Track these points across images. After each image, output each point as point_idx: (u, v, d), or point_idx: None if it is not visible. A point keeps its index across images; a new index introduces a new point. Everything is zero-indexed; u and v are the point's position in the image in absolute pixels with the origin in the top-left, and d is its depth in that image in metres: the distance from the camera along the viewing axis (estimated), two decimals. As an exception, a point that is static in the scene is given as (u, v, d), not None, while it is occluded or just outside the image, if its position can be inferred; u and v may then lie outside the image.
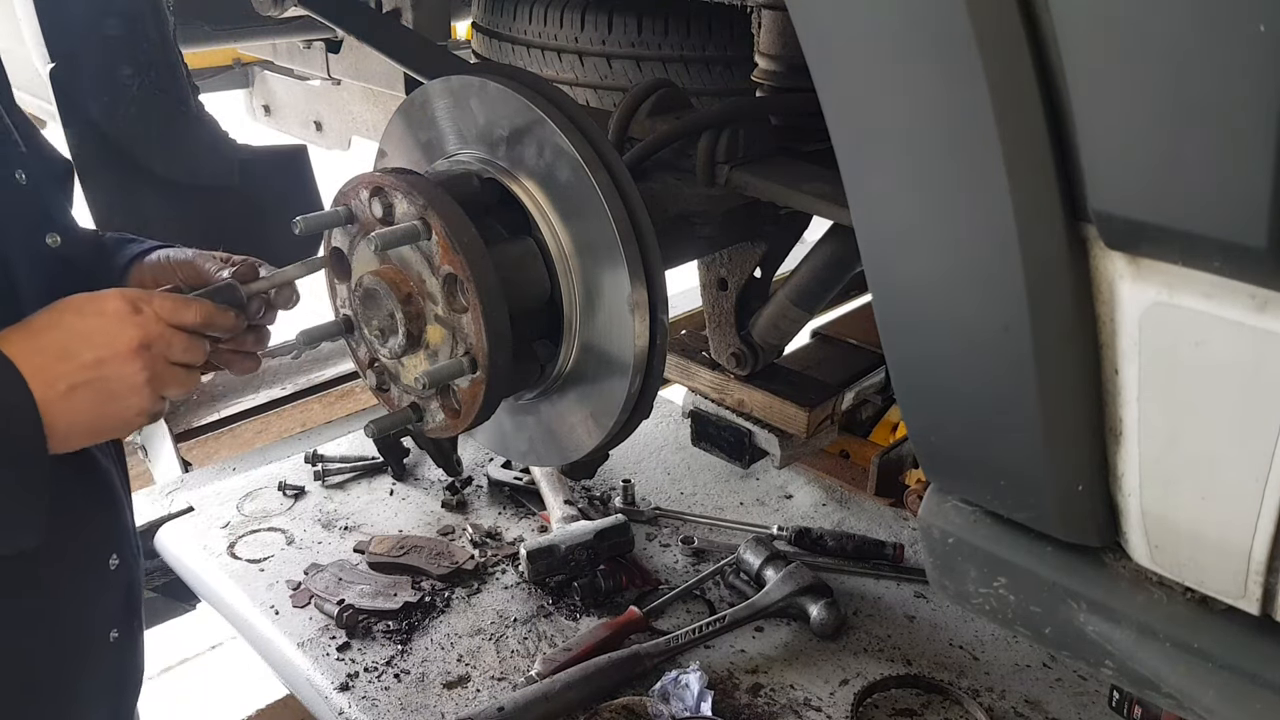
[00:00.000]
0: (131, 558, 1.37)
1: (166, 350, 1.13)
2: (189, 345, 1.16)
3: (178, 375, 1.16)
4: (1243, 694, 0.87)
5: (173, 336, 1.14)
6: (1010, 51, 0.74)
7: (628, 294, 1.22)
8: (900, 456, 2.60)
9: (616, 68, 2.03)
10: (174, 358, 1.14)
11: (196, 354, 1.17)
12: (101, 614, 1.33)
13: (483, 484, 2.59)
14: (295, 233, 1.22)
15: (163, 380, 1.14)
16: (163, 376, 1.14)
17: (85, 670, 1.31)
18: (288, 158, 2.59)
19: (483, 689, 1.96)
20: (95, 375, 1.09)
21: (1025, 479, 0.95)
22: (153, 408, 1.14)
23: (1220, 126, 0.66)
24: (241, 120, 3.37)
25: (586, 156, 1.21)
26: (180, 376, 1.16)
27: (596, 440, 1.35)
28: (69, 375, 1.07)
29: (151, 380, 1.12)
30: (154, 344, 1.12)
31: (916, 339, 0.97)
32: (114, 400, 1.11)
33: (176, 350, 1.14)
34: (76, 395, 1.08)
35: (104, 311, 1.11)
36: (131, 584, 1.37)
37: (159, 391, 1.14)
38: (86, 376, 1.08)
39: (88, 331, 1.10)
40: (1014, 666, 2.04)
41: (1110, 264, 0.80)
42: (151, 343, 1.12)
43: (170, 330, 1.14)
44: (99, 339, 1.10)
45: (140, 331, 1.11)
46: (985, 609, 1.06)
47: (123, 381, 1.10)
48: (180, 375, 1.16)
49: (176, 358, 1.15)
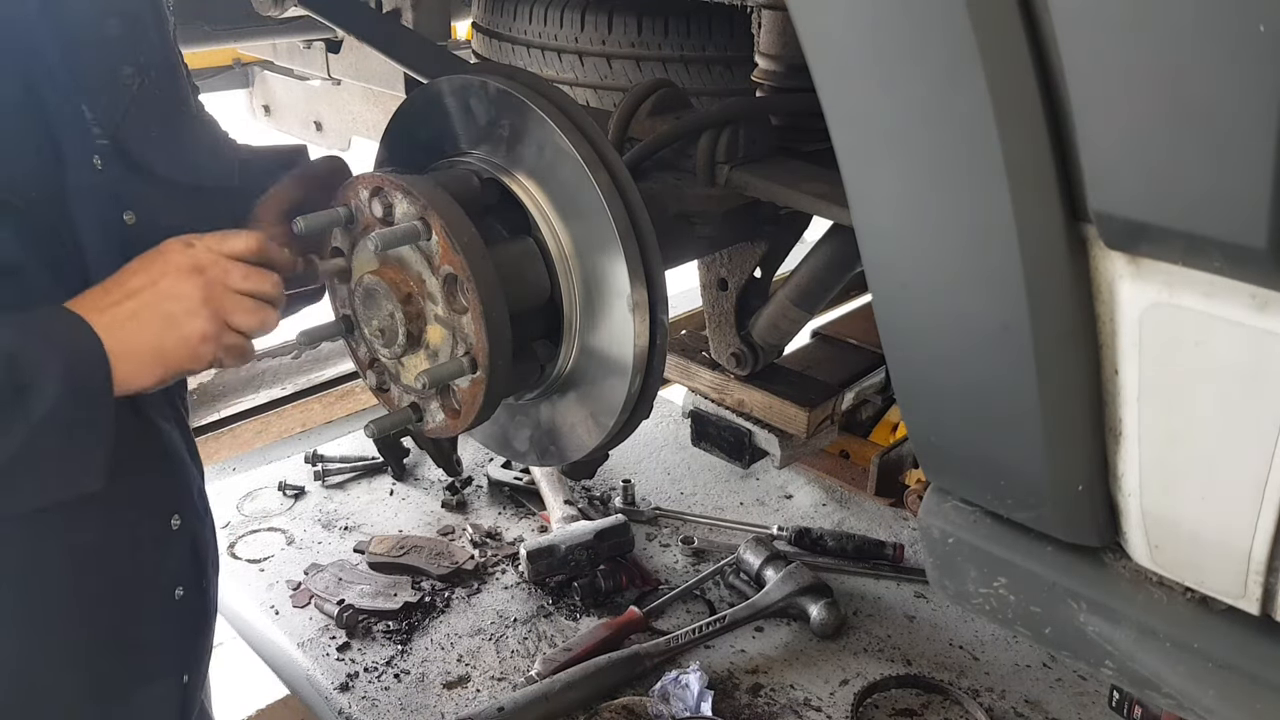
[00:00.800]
0: (196, 519, 1.38)
1: (224, 275, 1.13)
2: (249, 273, 1.15)
3: (241, 303, 1.14)
4: (1243, 694, 0.87)
5: (229, 263, 1.14)
6: (1010, 51, 0.74)
7: (628, 294, 1.22)
8: (900, 456, 2.60)
9: (616, 68, 2.03)
10: (234, 284, 1.14)
11: (260, 282, 1.15)
12: (165, 572, 1.34)
13: (483, 484, 2.59)
14: (295, 232, 1.22)
15: (224, 305, 1.13)
16: (222, 300, 1.13)
17: (149, 624, 1.32)
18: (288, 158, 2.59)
19: (483, 689, 1.96)
20: (150, 298, 1.10)
21: (1025, 479, 0.95)
22: (219, 335, 1.13)
23: (1220, 126, 0.66)
24: (241, 120, 3.37)
25: (586, 156, 1.21)
26: (245, 304, 1.14)
27: (596, 440, 1.35)
28: (124, 302, 1.09)
29: (209, 300, 1.12)
30: (208, 268, 1.12)
31: (916, 339, 0.97)
32: (173, 325, 1.10)
33: (235, 277, 1.14)
34: (135, 322, 1.09)
35: (159, 249, 1.13)
36: (196, 543, 1.38)
37: (222, 316, 1.13)
38: (142, 301, 1.09)
39: (142, 268, 1.12)
40: (1014, 666, 2.04)
41: (1110, 264, 0.80)
42: (205, 267, 1.12)
43: (225, 258, 1.14)
44: (152, 267, 1.12)
45: (190, 258, 1.12)
46: (985, 609, 1.06)
47: (178, 302, 1.10)
48: (245, 304, 1.14)
49: (236, 285, 1.14)
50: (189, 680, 1.40)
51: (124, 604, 1.29)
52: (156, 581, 1.33)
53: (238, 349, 1.16)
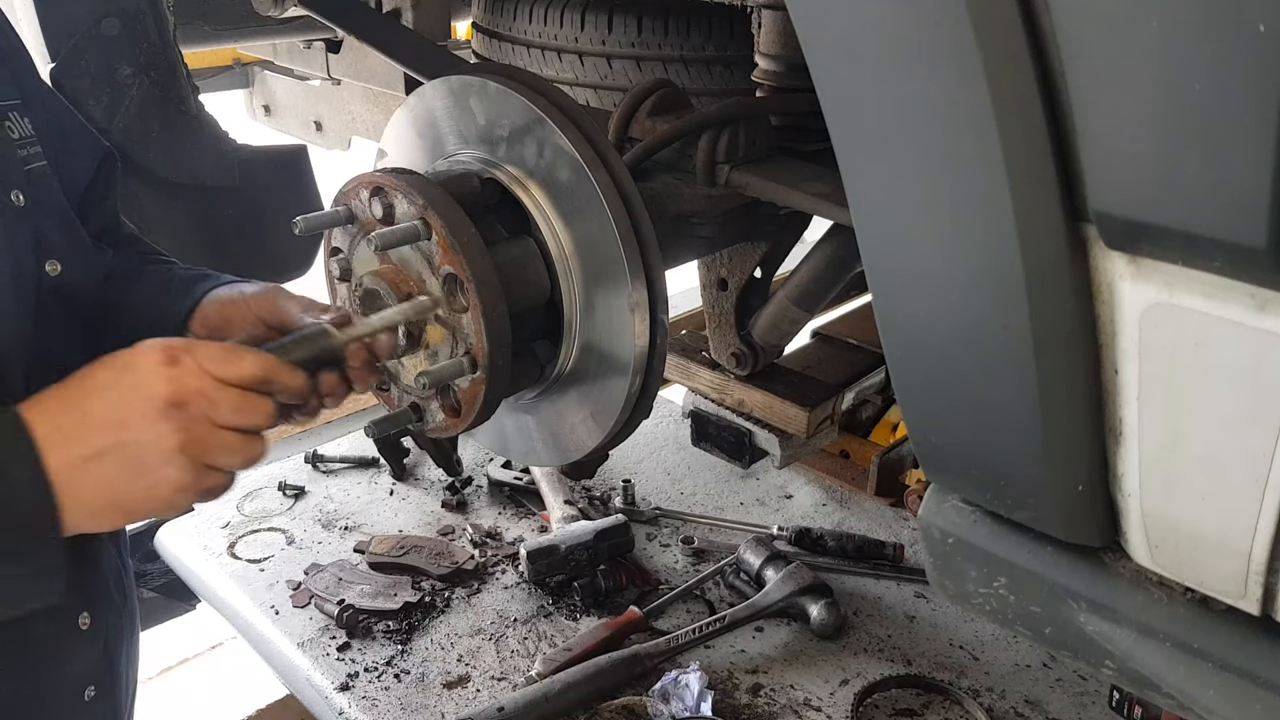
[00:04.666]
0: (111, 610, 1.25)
1: (210, 410, 0.94)
2: (242, 405, 0.96)
3: (227, 441, 0.95)
4: (1243, 694, 0.87)
5: (218, 393, 0.94)
6: (1010, 51, 0.74)
7: (628, 294, 1.22)
8: (900, 456, 2.60)
9: (616, 68, 2.03)
10: (221, 420, 0.95)
11: (254, 415, 0.97)
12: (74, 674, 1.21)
13: (483, 484, 2.59)
14: (295, 233, 1.22)
15: (204, 446, 0.94)
16: (203, 442, 0.94)
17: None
18: (288, 158, 2.59)
19: (483, 689, 1.96)
20: (115, 440, 0.91)
21: (1025, 479, 0.95)
22: (196, 482, 0.95)
23: (1220, 126, 0.66)
24: (241, 120, 3.37)
25: (586, 156, 1.21)
26: (231, 443, 0.96)
27: (596, 440, 1.35)
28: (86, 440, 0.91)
29: (186, 446, 0.93)
30: (190, 402, 0.93)
31: (916, 339, 0.97)
32: (142, 472, 0.92)
33: (224, 411, 0.94)
34: (97, 465, 0.91)
35: (134, 364, 0.94)
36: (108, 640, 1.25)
37: (200, 460, 0.94)
38: (106, 442, 0.91)
39: (111, 387, 0.93)
40: (1014, 666, 2.04)
41: (1110, 264, 0.80)
42: (187, 400, 0.92)
43: (215, 385, 0.94)
44: (121, 396, 0.92)
45: (171, 386, 0.92)
46: (985, 609, 1.06)
47: (149, 447, 0.91)
48: (231, 441, 0.96)
49: (224, 420, 0.95)
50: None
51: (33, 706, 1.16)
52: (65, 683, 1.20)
53: (220, 489, 0.99)
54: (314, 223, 1.23)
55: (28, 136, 1.13)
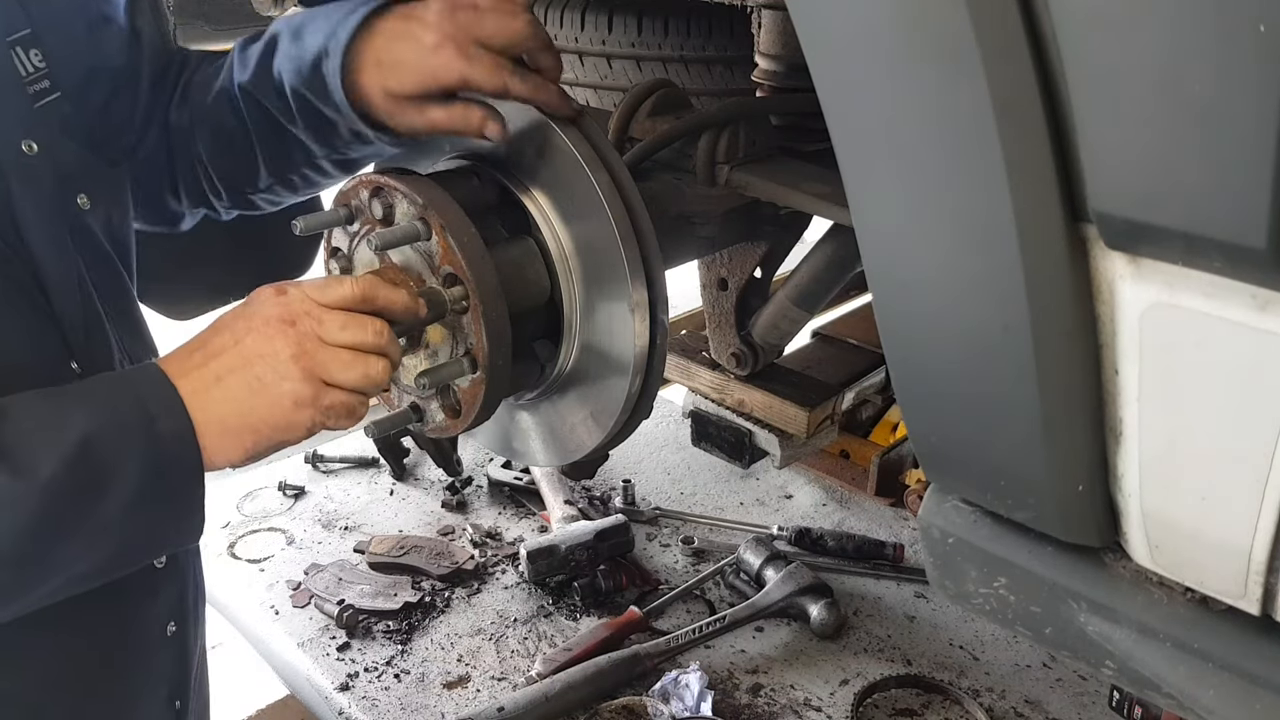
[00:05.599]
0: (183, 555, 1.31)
1: (317, 327, 0.99)
2: (347, 322, 1.01)
3: (339, 356, 1.00)
4: (1243, 694, 0.87)
5: (323, 313, 1.00)
6: (1010, 51, 0.74)
7: (628, 294, 1.22)
8: (900, 456, 2.60)
9: (616, 68, 2.03)
10: (329, 336, 1.00)
11: (360, 331, 1.01)
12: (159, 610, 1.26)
13: (483, 484, 2.59)
14: (295, 233, 1.22)
15: (316, 360, 0.99)
16: (316, 356, 0.99)
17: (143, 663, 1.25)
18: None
19: (483, 689, 1.96)
20: (234, 359, 0.97)
21: (1025, 479, 0.95)
22: (315, 397, 0.99)
23: (1220, 126, 0.66)
24: (241, 120, 3.37)
25: (586, 156, 1.21)
26: (343, 358, 1.00)
27: (596, 440, 1.35)
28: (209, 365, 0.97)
29: (299, 358, 0.98)
30: (299, 320, 0.99)
31: (916, 339, 0.97)
32: (262, 388, 0.97)
33: (331, 328, 1.00)
34: (221, 386, 0.97)
35: (247, 300, 1.02)
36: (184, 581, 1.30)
37: (315, 373, 0.99)
38: (225, 363, 0.97)
39: (228, 320, 1.01)
40: (1014, 666, 2.04)
41: (1110, 264, 0.80)
42: (295, 318, 0.99)
43: (320, 307, 1.00)
44: (237, 323, 1.00)
45: (280, 308, 0.99)
46: (985, 609, 1.06)
47: (265, 361, 0.97)
48: (343, 356, 1.00)
49: (332, 337, 1.00)
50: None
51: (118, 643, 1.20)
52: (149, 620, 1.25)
53: (342, 408, 1.02)
54: (313, 223, 1.23)
55: (37, 70, 1.11)
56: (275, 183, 1.32)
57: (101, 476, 0.92)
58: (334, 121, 1.20)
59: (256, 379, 0.97)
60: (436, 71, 1.12)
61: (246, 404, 0.97)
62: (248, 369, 0.97)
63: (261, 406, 0.98)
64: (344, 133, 1.22)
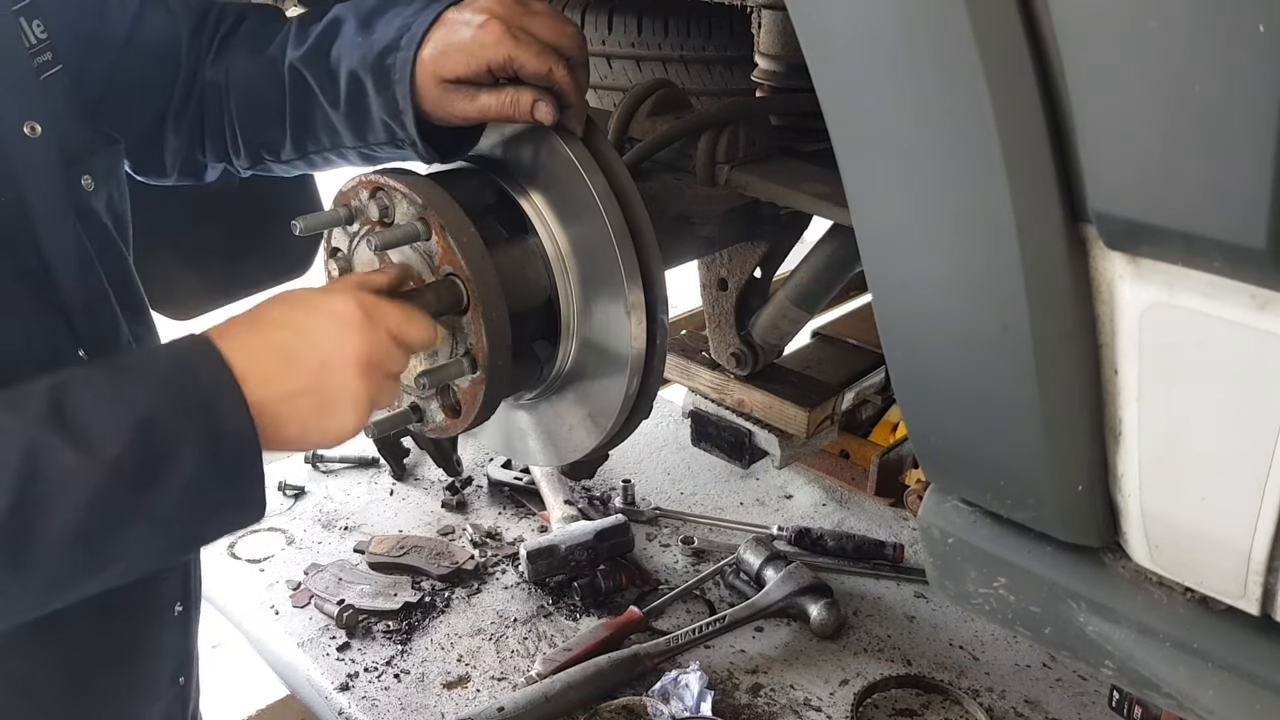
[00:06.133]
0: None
1: (390, 366, 1.03)
2: (405, 363, 1.07)
3: (388, 390, 1.05)
4: (1243, 694, 0.87)
5: (396, 352, 1.04)
6: (1010, 51, 0.74)
7: (624, 295, 1.22)
8: (900, 456, 2.60)
9: (616, 68, 2.03)
10: (390, 372, 1.04)
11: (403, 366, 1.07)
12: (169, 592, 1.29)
13: (483, 484, 2.59)
14: (295, 233, 1.22)
15: (380, 396, 1.03)
16: (384, 394, 1.04)
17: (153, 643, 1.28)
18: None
19: (483, 689, 1.96)
20: (314, 383, 0.98)
21: (1025, 479, 0.95)
22: (360, 428, 1.03)
23: (1220, 126, 0.66)
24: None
25: (582, 158, 1.21)
26: (390, 391, 1.06)
27: (596, 440, 1.35)
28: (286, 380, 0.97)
29: (374, 400, 1.02)
30: (380, 362, 1.02)
31: (916, 339, 0.97)
32: (327, 414, 0.99)
33: (395, 365, 1.04)
34: (291, 403, 0.97)
35: (334, 313, 1.00)
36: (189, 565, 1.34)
37: (373, 405, 1.03)
38: (304, 383, 0.97)
39: (315, 334, 0.99)
40: (1014, 666, 2.04)
41: (1110, 264, 0.80)
42: (379, 361, 1.01)
43: (394, 346, 1.04)
44: (327, 344, 0.99)
45: (368, 348, 1.00)
46: (985, 609, 1.06)
47: (342, 396, 0.99)
48: (390, 390, 1.06)
49: (395, 372, 1.05)
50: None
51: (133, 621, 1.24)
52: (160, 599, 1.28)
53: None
54: (313, 223, 1.23)
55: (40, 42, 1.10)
56: (297, 158, 1.34)
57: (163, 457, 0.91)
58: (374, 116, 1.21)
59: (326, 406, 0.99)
60: (485, 49, 1.12)
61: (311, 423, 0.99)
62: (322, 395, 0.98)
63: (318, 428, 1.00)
64: (379, 131, 1.23)
